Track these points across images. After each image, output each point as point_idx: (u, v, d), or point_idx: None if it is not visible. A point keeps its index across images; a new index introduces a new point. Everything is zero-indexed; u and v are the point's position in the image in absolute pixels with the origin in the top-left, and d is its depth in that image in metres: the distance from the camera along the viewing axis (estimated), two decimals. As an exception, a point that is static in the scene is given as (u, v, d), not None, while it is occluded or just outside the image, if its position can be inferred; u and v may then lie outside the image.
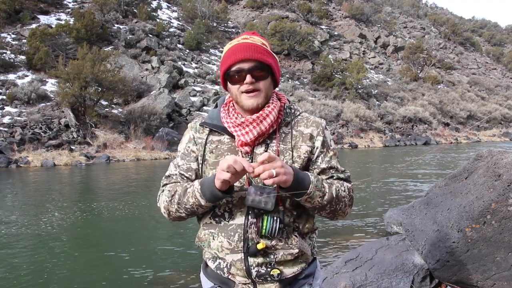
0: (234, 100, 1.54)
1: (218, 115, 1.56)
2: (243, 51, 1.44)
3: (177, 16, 36.30)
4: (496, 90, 46.21)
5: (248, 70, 1.44)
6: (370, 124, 28.76)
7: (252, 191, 1.41)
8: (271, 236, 1.43)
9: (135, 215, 7.56)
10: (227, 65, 1.47)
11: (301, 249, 1.49)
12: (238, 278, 1.50)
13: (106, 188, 10.98)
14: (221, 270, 1.52)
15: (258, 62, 1.45)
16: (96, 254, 5.46)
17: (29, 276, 4.65)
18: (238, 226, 1.47)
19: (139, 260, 5.17)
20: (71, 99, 18.88)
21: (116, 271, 4.82)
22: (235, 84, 1.48)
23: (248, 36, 1.50)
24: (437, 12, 74.64)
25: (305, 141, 1.51)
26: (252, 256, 1.46)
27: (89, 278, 4.60)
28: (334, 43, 42.29)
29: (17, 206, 8.52)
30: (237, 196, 1.47)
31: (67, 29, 23.88)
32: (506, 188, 3.10)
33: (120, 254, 5.42)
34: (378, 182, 11.14)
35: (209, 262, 1.57)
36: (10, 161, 15.31)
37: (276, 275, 1.46)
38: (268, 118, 1.47)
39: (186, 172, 1.56)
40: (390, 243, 4.00)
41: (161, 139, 19.02)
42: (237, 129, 1.48)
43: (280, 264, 1.48)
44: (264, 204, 1.39)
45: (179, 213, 1.50)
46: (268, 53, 1.49)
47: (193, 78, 26.76)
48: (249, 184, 1.46)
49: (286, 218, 1.47)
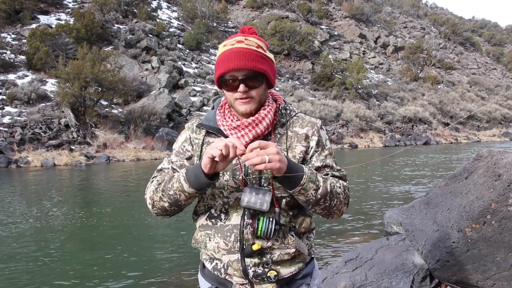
0: (228, 104, 1.54)
1: (215, 116, 1.57)
2: (237, 59, 1.41)
3: (177, 16, 36.30)
4: (496, 90, 46.21)
5: (241, 80, 1.43)
6: (370, 124, 28.76)
7: (247, 192, 1.41)
8: (267, 237, 1.43)
9: (135, 215, 7.56)
10: (220, 72, 1.45)
11: (298, 248, 1.49)
12: (235, 279, 1.50)
13: (106, 188, 10.98)
14: (218, 271, 1.52)
15: (251, 71, 1.43)
16: (95, 254, 5.46)
17: (28, 276, 4.65)
18: (234, 226, 1.47)
19: (138, 261, 5.17)
20: (71, 99, 18.88)
21: (115, 271, 4.82)
22: (229, 91, 1.48)
23: (243, 39, 1.46)
24: (437, 12, 74.65)
25: (300, 141, 1.51)
26: (248, 256, 1.46)
27: (89, 278, 4.60)
28: (334, 43, 42.29)
29: (17, 206, 8.51)
30: (233, 197, 1.48)
31: (67, 29, 23.88)
32: (506, 188, 3.10)
33: (119, 254, 5.42)
34: (378, 182, 11.14)
35: (206, 263, 1.57)
36: (10, 161, 15.32)
37: (273, 276, 1.46)
38: (264, 121, 1.48)
39: (179, 168, 1.55)
40: (390, 243, 4.00)
41: (161, 139, 19.02)
42: (233, 132, 1.48)
43: (277, 264, 1.48)
44: (260, 205, 1.40)
45: (162, 201, 1.48)
46: (263, 59, 1.46)
47: (193, 78, 26.76)
48: (244, 185, 1.45)
49: (282, 218, 1.47)
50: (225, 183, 1.48)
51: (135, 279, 4.56)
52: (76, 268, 4.90)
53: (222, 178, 1.48)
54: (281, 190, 1.46)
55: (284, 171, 1.32)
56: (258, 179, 1.46)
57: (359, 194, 9.37)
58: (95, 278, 4.59)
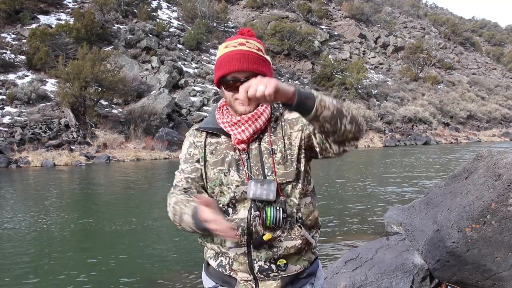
0: (228, 104, 1.58)
1: (213, 119, 1.61)
2: (240, 61, 1.46)
3: (177, 16, 36.29)
4: (496, 90, 46.18)
5: (243, 81, 1.46)
6: (370, 124, 28.75)
7: (252, 185, 1.46)
8: (276, 226, 1.46)
9: (135, 215, 7.56)
10: (222, 73, 1.49)
11: (306, 237, 1.51)
12: (240, 275, 1.52)
13: (106, 188, 10.98)
14: (223, 268, 1.55)
15: (253, 73, 1.47)
16: (95, 254, 5.45)
17: (27, 276, 4.65)
18: (241, 220, 1.50)
19: (140, 261, 5.17)
20: (71, 99, 18.88)
21: (116, 272, 4.81)
22: (229, 92, 1.52)
23: (244, 41, 1.51)
24: (437, 12, 74.62)
25: (292, 127, 1.55)
26: (256, 248, 1.48)
27: (89, 278, 4.60)
28: (334, 43, 42.27)
29: (16, 206, 8.51)
30: (239, 191, 1.51)
31: (67, 29, 23.86)
32: (506, 188, 3.10)
33: (120, 254, 5.42)
34: (378, 182, 11.14)
35: (211, 261, 1.59)
36: (10, 161, 15.31)
37: (283, 265, 1.49)
38: (262, 116, 1.53)
39: (191, 174, 1.58)
40: (390, 243, 4.00)
41: (161, 139, 19.02)
42: (233, 128, 1.52)
43: (284, 258, 1.51)
44: (266, 195, 1.44)
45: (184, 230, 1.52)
46: (263, 61, 1.51)
47: (193, 78, 26.76)
48: (248, 179, 1.49)
49: (289, 208, 1.50)
50: (232, 179, 1.51)
51: (137, 279, 4.56)
52: (75, 269, 4.90)
53: (229, 175, 1.52)
54: (284, 176, 1.50)
55: (292, 92, 1.27)
56: (261, 170, 1.50)
57: (359, 194, 9.37)
58: (95, 278, 4.58)
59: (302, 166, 1.54)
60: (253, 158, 1.51)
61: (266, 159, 1.51)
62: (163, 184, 10.95)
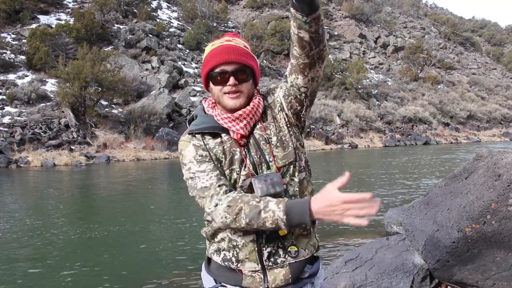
0: (216, 101, 1.57)
1: (208, 119, 1.56)
2: (227, 53, 1.48)
3: (177, 16, 36.29)
4: (496, 90, 46.18)
5: (232, 73, 1.48)
6: (370, 124, 28.75)
7: (257, 183, 1.46)
8: None
9: (136, 215, 7.56)
10: (211, 66, 1.50)
11: None
12: (247, 265, 1.49)
13: (106, 188, 10.98)
14: (228, 261, 1.52)
15: (241, 64, 1.48)
16: (95, 254, 5.46)
17: (26, 276, 4.65)
18: None
19: (141, 261, 5.17)
20: (71, 99, 18.88)
21: (117, 272, 4.82)
22: (218, 85, 1.51)
23: (231, 38, 1.54)
24: (437, 12, 74.62)
25: (273, 109, 1.57)
26: (268, 239, 1.48)
27: (89, 279, 4.60)
28: (334, 43, 42.27)
29: (16, 206, 8.51)
30: (246, 184, 1.50)
31: (67, 29, 23.88)
32: (506, 188, 3.10)
33: (121, 254, 5.42)
34: (378, 182, 11.14)
35: (214, 256, 1.56)
36: (10, 161, 15.32)
37: (294, 252, 1.50)
38: (259, 109, 1.55)
39: (215, 171, 1.49)
40: (390, 243, 4.00)
41: (161, 139, 19.03)
42: (234, 124, 1.51)
43: (294, 245, 1.51)
44: (273, 189, 1.46)
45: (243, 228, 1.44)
46: (251, 56, 1.54)
47: (193, 78, 26.76)
48: (252, 175, 1.49)
49: (290, 188, 1.52)
50: (240, 175, 1.52)
51: (138, 279, 4.56)
52: (74, 269, 4.90)
53: (240, 173, 1.52)
54: (286, 158, 1.51)
55: None
56: (262, 157, 1.51)
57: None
58: (94, 278, 4.58)
59: (296, 143, 1.57)
60: (252, 148, 1.52)
61: (264, 145, 1.52)
62: (164, 184, 10.96)
